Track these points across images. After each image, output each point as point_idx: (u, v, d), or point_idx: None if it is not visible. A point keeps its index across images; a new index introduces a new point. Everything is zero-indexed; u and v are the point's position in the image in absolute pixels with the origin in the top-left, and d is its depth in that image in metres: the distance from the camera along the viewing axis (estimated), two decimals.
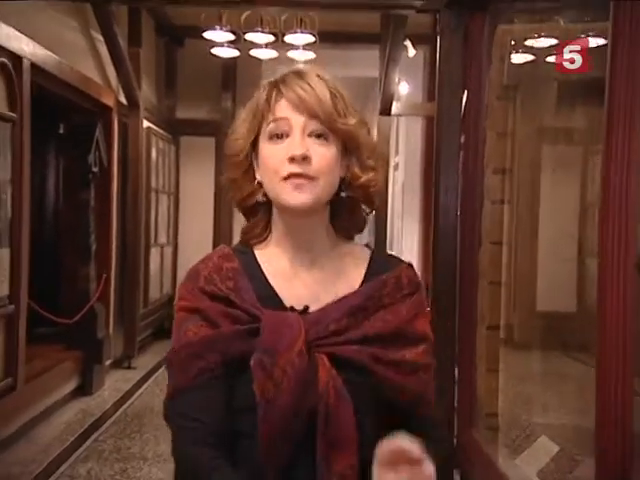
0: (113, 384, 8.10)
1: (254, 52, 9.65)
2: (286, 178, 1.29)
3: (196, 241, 11.32)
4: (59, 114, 7.58)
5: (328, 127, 1.30)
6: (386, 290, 1.37)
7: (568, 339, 6.23)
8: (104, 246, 8.40)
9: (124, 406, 7.56)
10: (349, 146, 1.36)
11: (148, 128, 9.67)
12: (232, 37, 9.43)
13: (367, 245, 1.53)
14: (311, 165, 1.28)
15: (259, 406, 1.25)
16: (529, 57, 7.41)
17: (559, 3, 4.81)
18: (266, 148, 1.33)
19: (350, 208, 1.43)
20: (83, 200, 8.02)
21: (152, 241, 10.30)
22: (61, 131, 7.81)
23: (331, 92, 1.32)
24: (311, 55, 9.68)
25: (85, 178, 7.97)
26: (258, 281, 1.38)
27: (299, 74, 1.35)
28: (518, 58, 7.47)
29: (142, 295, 9.88)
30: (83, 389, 7.64)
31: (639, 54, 2.83)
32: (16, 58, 5.67)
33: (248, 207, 1.44)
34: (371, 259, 1.45)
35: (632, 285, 2.84)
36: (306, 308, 1.34)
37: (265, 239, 1.46)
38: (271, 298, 1.36)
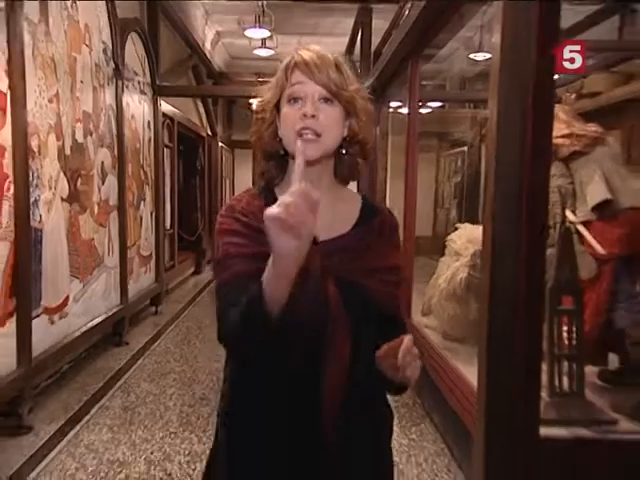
0: (209, 269, 8.76)
1: None
2: (299, 133, 1.01)
3: None
4: (181, 140, 7.79)
5: (332, 93, 1.02)
6: (374, 233, 1.10)
7: (428, 249, 6.34)
8: (202, 205, 9.27)
9: None
10: (349, 109, 1.05)
11: (220, 146, 10.18)
12: None
13: (359, 193, 1.21)
14: (319, 122, 1.01)
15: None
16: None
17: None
18: (286, 108, 1.04)
19: (350, 162, 1.11)
20: (193, 183, 9.01)
21: (223, 204, 11.28)
22: (182, 149, 8.22)
23: (336, 66, 1.04)
24: None
25: (194, 172, 9.00)
26: None
27: (310, 51, 1.05)
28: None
29: None
30: (196, 272, 8.72)
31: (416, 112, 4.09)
32: (171, 119, 6.84)
33: (268, 155, 1.12)
34: (363, 205, 1.15)
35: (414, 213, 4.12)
36: (315, 240, 0.95)
37: (281, 181, 1.13)
38: None
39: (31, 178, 3.15)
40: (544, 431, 1.99)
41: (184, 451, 2.91)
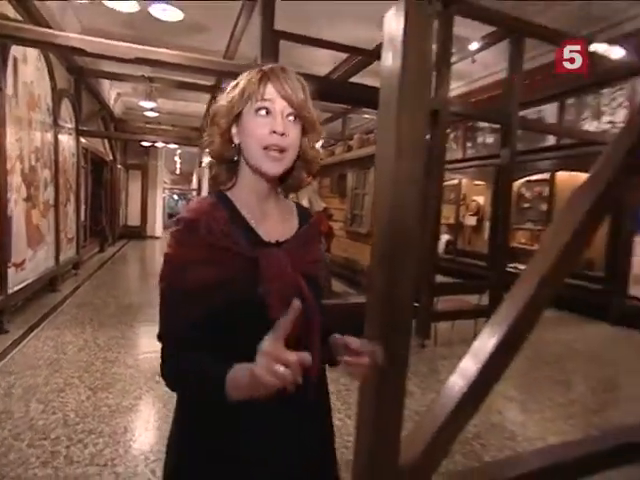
0: (110, 250, 8.58)
1: (159, 144, 9.81)
2: (266, 147, 0.75)
3: (134, 206, 11.27)
4: (93, 163, 7.51)
5: (298, 113, 0.77)
6: (311, 232, 0.85)
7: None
8: (106, 207, 8.99)
9: (116, 254, 8.33)
10: (307, 128, 0.80)
11: (119, 167, 9.80)
12: (150, 143, 9.68)
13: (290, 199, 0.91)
14: (287, 139, 0.76)
15: (273, 312, 0.71)
16: None
17: None
18: (252, 121, 0.76)
19: (297, 175, 0.83)
20: (100, 191, 8.65)
21: (123, 205, 10.49)
22: (92, 169, 7.65)
23: (303, 88, 0.78)
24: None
25: (101, 184, 8.71)
26: (242, 224, 0.78)
27: (283, 70, 0.78)
28: None
29: (120, 222, 10.18)
30: (100, 250, 8.30)
31: None
32: (86, 149, 6.77)
33: (219, 159, 0.81)
34: (298, 210, 0.90)
35: None
36: (277, 242, 0.80)
37: (232, 185, 0.82)
38: (253, 236, 0.78)
39: (7, 187, 3.67)
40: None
41: (106, 334, 3.68)
